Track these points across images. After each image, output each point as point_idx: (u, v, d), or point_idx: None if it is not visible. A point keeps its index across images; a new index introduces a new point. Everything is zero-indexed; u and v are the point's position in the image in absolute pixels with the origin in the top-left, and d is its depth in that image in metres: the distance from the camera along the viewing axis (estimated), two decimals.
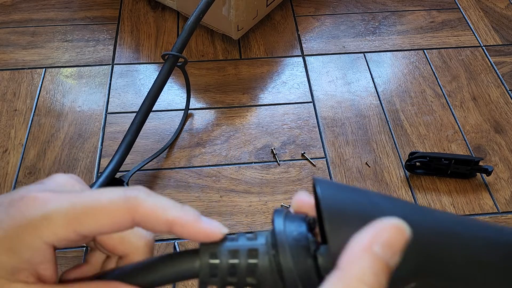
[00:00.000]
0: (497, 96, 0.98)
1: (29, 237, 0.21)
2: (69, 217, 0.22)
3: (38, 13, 1.10)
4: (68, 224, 0.21)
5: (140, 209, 0.22)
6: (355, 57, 1.04)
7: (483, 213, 0.81)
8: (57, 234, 0.21)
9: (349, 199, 0.22)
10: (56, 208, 0.21)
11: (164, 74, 0.79)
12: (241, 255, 0.23)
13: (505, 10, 1.16)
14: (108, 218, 0.22)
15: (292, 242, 0.23)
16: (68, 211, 0.22)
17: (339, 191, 0.23)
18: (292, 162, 0.86)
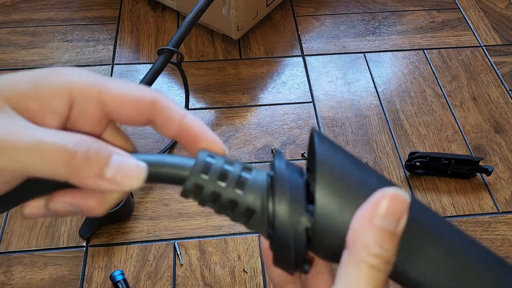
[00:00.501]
0: (497, 96, 0.98)
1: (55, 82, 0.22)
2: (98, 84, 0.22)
3: (38, 13, 1.10)
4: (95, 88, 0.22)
5: (162, 102, 0.23)
6: (355, 57, 1.04)
7: (483, 213, 0.81)
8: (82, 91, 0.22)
9: (344, 168, 0.22)
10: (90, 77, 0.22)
11: (155, 69, 0.78)
12: (229, 180, 0.22)
13: (505, 10, 1.16)
14: (134, 100, 0.23)
15: (291, 191, 0.22)
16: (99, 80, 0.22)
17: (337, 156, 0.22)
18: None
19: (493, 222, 0.79)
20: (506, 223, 0.79)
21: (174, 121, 0.23)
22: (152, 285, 0.71)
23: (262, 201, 0.22)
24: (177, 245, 0.75)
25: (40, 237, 0.75)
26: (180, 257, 0.74)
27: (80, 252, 0.74)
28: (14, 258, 0.73)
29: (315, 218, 0.21)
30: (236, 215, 0.23)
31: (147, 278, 0.72)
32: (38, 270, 0.72)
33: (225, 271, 0.73)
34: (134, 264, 0.73)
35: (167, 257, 0.74)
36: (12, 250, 0.74)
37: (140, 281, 0.72)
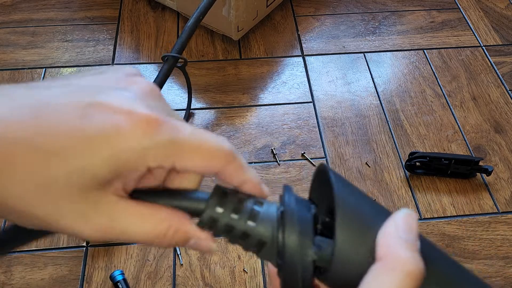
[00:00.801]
0: (497, 96, 0.98)
1: (135, 161, 0.22)
2: (176, 151, 0.22)
3: (38, 13, 1.10)
4: (172, 157, 0.22)
5: (233, 165, 0.24)
6: (355, 57, 1.04)
7: (483, 213, 0.81)
8: (159, 162, 0.22)
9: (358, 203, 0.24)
10: (168, 139, 0.22)
11: (162, 76, 0.79)
12: (242, 213, 0.24)
13: (505, 10, 1.16)
14: (206, 163, 0.24)
15: (300, 225, 0.23)
16: (178, 146, 0.22)
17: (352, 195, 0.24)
18: (292, 162, 0.86)
19: (493, 222, 0.79)
20: (506, 223, 0.79)
21: (239, 180, 0.25)
22: (152, 285, 0.71)
23: (273, 233, 0.24)
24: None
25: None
26: (180, 257, 0.74)
27: (80, 252, 0.74)
28: (14, 258, 0.73)
29: (334, 252, 0.22)
30: (248, 245, 0.24)
31: (147, 278, 0.72)
32: (38, 270, 0.72)
33: (225, 271, 0.73)
34: (134, 264, 0.73)
35: (167, 257, 0.74)
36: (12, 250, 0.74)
37: (140, 281, 0.72)
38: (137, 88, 0.24)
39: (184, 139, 0.23)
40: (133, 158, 0.22)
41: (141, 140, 0.21)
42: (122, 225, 0.23)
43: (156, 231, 0.24)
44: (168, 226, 0.24)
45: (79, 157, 0.21)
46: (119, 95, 0.22)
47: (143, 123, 0.21)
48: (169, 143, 0.22)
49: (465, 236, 0.78)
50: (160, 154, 0.22)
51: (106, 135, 0.21)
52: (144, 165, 0.22)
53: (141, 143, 0.21)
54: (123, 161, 0.22)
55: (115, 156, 0.21)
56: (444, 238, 0.77)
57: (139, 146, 0.21)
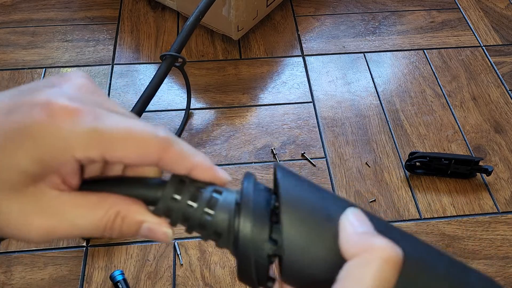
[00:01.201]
0: (497, 96, 0.98)
1: (59, 151, 0.21)
2: (102, 140, 0.22)
3: (38, 13, 1.10)
4: (98, 147, 0.22)
5: (170, 151, 0.23)
6: (355, 57, 1.04)
7: (483, 213, 0.81)
8: (86, 153, 0.22)
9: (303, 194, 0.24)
10: (90, 127, 0.21)
11: (160, 75, 0.79)
12: (199, 202, 0.23)
13: (505, 10, 1.16)
14: (138, 152, 0.22)
15: (255, 212, 0.23)
16: (102, 134, 0.22)
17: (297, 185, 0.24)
18: (292, 162, 0.86)
19: (493, 222, 0.79)
20: (506, 223, 0.79)
21: (185, 166, 0.24)
22: (152, 285, 0.71)
23: (229, 224, 0.23)
24: (177, 245, 0.75)
25: None
26: (180, 257, 0.74)
27: (80, 252, 0.74)
28: (14, 258, 0.73)
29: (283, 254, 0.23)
30: (206, 235, 0.24)
31: (147, 278, 0.72)
32: (38, 270, 0.72)
33: (225, 271, 0.73)
34: (134, 264, 0.73)
35: (167, 257, 0.74)
36: (12, 250, 0.74)
37: (140, 281, 0.72)
38: (67, 84, 0.23)
39: (108, 127, 0.22)
40: (56, 149, 0.21)
41: (61, 130, 0.21)
42: (69, 219, 0.23)
43: (104, 219, 0.23)
44: (115, 212, 0.23)
45: (2, 154, 0.21)
46: (45, 92, 0.22)
47: (61, 113, 0.21)
48: (91, 131, 0.21)
49: (465, 236, 0.78)
50: (84, 144, 0.21)
51: (27, 129, 0.21)
52: (70, 156, 0.22)
53: (60, 133, 0.21)
54: (47, 153, 0.21)
55: (37, 149, 0.21)
56: (444, 238, 0.77)
57: (59, 136, 0.21)
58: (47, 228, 0.22)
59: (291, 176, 0.25)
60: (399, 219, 0.79)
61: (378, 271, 0.21)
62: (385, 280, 0.21)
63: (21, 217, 0.22)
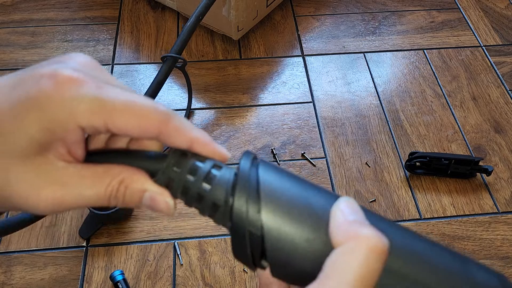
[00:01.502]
0: (497, 96, 0.98)
1: (64, 118, 0.22)
2: (104, 108, 0.22)
3: (38, 13, 1.10)
4: (101, 115, 0.22)
5: (170, 124, 0.24)
6: (355, 57, 1.04)
7: (483, 213, 0.81)
8: (90, 121, 0.22)
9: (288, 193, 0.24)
10: (93, 95, 0.22)
11: (161, 76, 0.79)
12: (199, 175, 0.24)
13: (505, 10, 1.16)
14: (140, 124, 0.23)
15: (250, 190, 0.24)
16: (105, 103, 0.22)
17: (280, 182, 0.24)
18: (292, 162, 0.86)
19: (493, 222, 0.79)
20: (506, 223, 0.79)
21: (184, 140, 0.25)
22: (152, 285, 0.71)
23: (226, 197, 0.24)
24: (177, 245, 0.75)
25: (40, 237, 0.75)
26: (180, 257, 0.74)
27: (80, 252, 0.74)
28: (14, 258, 0.73)
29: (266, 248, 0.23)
30: (204, 209, 0.25)
31: (147, 278, 0.72)
32: (38, 270, 0.72)
33: (225, 271, 0.73)
34: (134, 264, 0.73)
35: (167, 257, 0.74)
36: (12, 250, 0.74)
37: (140, 281, 0.72)
38: (72, 60, 0.24)
39: (111, 97, 0.23)
40: (61, 116, 0.22)
41: (66, 98, 0.22)
42: (76, 190, 0.24)
43: (109, 188, 0.24)
44: (119, 181, 0.24)
45: (9, 123, 0.22)
46: (50, 66, 0.23)
47: (66, 82, 0.22)
48: (94, 99, 0.22)
49: (465, 236, 0.78)
50: (87, 112, 0.22)
51: (33, 98, 0.22)
52: (74, 123, 0.22)
53: (65, 100, 0.22)
54: (52, 120, 0.22)
55: (43, 116, 0.22)
56: (444, 238, 0.77)
57: (64, 104, 0.22)
58: (56, 198, 0.23)
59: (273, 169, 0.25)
60: (399, 219, 0.79)
61: (363, 259, 0.21)
62: (370, 269, 0.21)
63: (30, 187, 0.23)
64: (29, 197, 0.23)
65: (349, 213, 0.23)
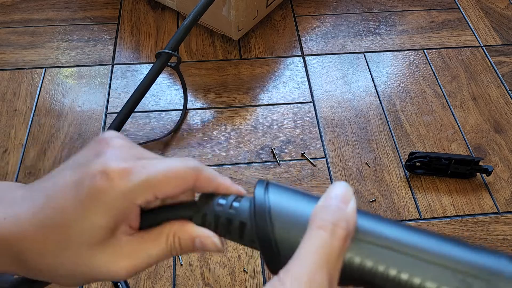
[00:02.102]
0: (497, 96, 0.98)
1: (125, 206, 0.27)
2: (153, 185, 0.28)
3: (38, 13, 1.10)
4: (151, 190, 0.28)
5: (201, 177, 0.30)
6: (355, 57, 1.04)
7: (483, 213, 0.81)
8: (144, 199, 0.28)
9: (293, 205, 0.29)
10: (142, 179, 0.28)
11: (152, 73, 0.80)
12: (225, 206, 0.30)
13: (505, 10, 1.16)
14: (181, 184, 0.29)
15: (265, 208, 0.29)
16: (152, 180, 0.28)
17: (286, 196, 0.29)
18: (292, 162, 0.86)
19: (493, 222, 0.79)
20: (506, 223, 0.79)
21: (212, 187, 0.31)
22: (152, 285, 0.71)
23: (251, 215, 0.29)
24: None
25: None
26: (180, 257, 0.74)
27: None
28: None
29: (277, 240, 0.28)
30: (233, 231, 0.30)
31: (147, 278, 0.72)
32: None
33: (225, 271, 0.73)
34: None
35: None
36: None
37: (140, 281, 0.72)
38: (110, 149, 0.29)
39: (154, 172, 0.28)
40: (123, 203, 0.27)
41: (122, 190, 0.27)
42: (144, 256, 0.29)
43: (168, 244, 0.29)
44: (172, 235, 0.29)
45: (81, 222, 0.27)
46: (97, 162, 0.28)
47: (117, 176, 0.27)
48: (144, 181, 0.28)
49: (465, 236, 0.78)
50: (141, 192, 0.28)
51: (95, 197, 0.27)
52: (133, 205, 0.28)
53: (122, 191, 0.27)
54: (117, 209, 0.27)
55: (108, 208, 0.27)
56: None
57: (122, 193, 0.27)
58: (132, 267, 0.28)
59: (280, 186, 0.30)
60: (399, 219, 0.79)
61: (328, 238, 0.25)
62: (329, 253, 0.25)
63: (109, 264, 0.28)
64: (110, 271, 0.28)
65: (333, 197, 0.27)
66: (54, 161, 0.84)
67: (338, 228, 0.25)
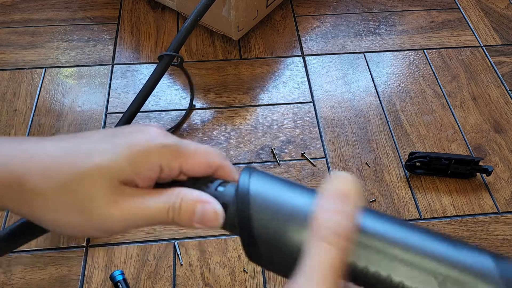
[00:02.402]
0: (497, 96, 0.98)
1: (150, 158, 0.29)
2: (182, 154, 0.30)
3: (38, 13, 1.10)
4: (179, 159, 0.30)
5: (227, 163, 0.32)
6: (355, 57, 1.04)
7: (483, 213, 0.81)
8: (169, 162, 0.30)
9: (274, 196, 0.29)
10: (174, 143, 0.30)
11: (156, 75, 0.80)
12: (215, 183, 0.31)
13: (505, 10, 1.16)
14: (202, 162, 0.31)
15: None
16: (183, 149, 0.31)
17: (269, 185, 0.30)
18: (292, 162, 0.86)
19: (493, 222, 0.79)
20: (506, 223, 0.79)
21: (234, 175, 0.33)
22: (152, 285, 0.71)
23: (233, 201, 0.30)
24: (177, 245, 0.75)
25: (40, 237, 0.75)
26: (180, 257, 0.74)
27: (80, 252, 0.74)
28: (14, 258, 0.73)
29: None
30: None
31: (147, 278, 0.72)
32: (38, 270, 0.72)
33: (225, 271, 0.73)
34: (134, 264, 0.73)
35: (167, 257, 0.74)
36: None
37: (140, 281, 0.72)
38: (151, 129, 0.32)
39: (187, 144, 0.31)
40: (149, 155, 0.29)
41: (155, 141, 0.29)
42: (142, 204, 0.29)
43: (170, 200, 0.29)
44: (177, 195, 0.30)
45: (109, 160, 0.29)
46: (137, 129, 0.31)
47: (155, 133, 0.30)
48: (176, 146, 0.30)
49: (465, 236, 0.78)
50: (169, 154, 0.30)
51: (131, 142, 0.29)
52: (157, 163, 0.29)
53: (155, 143, 0.29)
54: (141, 158, 0.29)
55: (135, 154, 0.29)
56: None
57: (154, 145, 0.29)
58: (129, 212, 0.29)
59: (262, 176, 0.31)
60: None
61: (329, 249, 0.25)
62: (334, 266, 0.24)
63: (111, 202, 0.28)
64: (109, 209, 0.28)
65: (332, 196, 0.26)
66: None
67: (342, 240, 0.25)
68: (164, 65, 0.80)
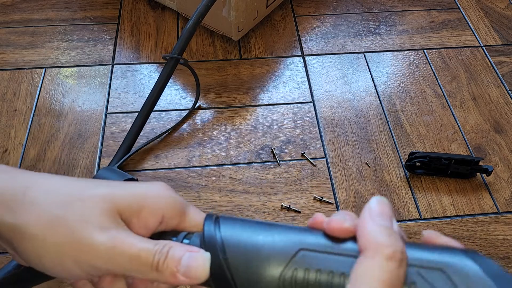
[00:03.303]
0: (497, 96, 0.98)
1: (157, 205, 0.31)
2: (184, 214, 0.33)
3: (38, 13, 1.10)
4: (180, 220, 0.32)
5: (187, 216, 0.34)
6: (355, 57, 1.04)
7: (483, 213, 0.81)
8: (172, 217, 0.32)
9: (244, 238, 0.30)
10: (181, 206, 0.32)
11: (164, 77, 0.81)
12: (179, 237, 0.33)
13: (505, 10, 1.16)
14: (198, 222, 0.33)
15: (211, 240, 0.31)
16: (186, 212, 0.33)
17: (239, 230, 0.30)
18: (292, 162, 0.86)
19: (493, 222, 0.79)
20: (506, 223, 0.79)
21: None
22: None
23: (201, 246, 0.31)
24: None
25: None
26: None
27: None
28: None
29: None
30: None
31: None
32: None
33: None
34: None
35: None
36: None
37: None
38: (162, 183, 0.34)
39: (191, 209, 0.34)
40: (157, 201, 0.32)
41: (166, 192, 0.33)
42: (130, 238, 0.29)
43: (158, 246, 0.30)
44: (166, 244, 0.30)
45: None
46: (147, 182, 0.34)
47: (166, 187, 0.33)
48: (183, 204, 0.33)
49: (465, 236, 0.78)
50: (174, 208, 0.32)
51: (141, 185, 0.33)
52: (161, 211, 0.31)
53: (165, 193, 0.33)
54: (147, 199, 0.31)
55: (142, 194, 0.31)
56: None
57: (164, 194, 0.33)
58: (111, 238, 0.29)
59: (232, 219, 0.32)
60: (399, 219, 0.79)
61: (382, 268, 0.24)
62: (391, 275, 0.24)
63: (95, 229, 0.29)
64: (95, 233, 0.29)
65: (377, 215, 0.26)
66: (54, 161, 0.84)
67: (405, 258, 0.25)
68: (170, 68, 0.82)
